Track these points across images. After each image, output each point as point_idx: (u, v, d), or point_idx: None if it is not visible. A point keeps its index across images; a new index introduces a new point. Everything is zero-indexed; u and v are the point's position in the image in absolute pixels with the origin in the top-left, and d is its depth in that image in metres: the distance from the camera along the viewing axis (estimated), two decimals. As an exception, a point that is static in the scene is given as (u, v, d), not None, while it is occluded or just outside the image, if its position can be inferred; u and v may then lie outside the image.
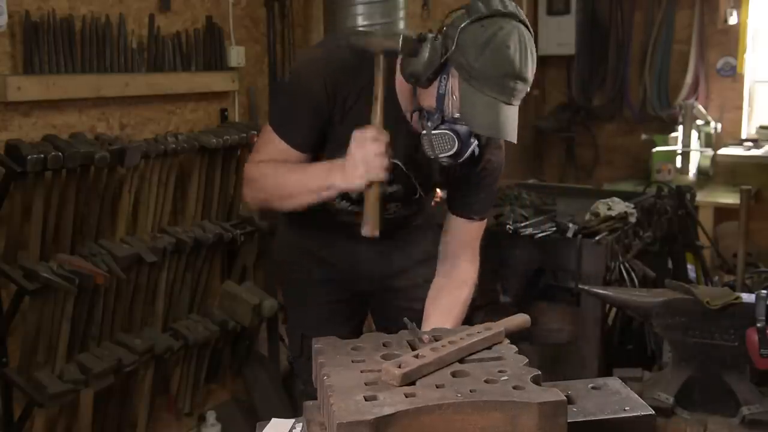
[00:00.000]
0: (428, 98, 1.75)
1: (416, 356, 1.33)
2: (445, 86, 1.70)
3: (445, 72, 1.69)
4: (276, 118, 1.93)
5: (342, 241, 2.10)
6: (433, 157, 1.76)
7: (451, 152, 1.73)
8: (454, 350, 1.36)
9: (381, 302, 2.26)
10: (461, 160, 1.77)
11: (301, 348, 2.18)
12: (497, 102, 1.63)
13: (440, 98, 1.71)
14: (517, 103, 1.67)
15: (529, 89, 1.69)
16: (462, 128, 1.72)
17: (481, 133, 1.71)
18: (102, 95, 2.76)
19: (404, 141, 1.83)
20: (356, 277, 2.17)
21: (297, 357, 2.25)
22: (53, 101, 2.61)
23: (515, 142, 1.70)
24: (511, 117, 1.67)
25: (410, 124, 1.84)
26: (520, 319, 1.74)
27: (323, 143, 1.90)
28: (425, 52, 1.69)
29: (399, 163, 1.90)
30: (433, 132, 1.73)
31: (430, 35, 1.71)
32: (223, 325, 3.15)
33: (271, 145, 1.90)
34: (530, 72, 1.66)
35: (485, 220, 2.06)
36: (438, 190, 2.40)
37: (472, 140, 1.75)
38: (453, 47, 1.65)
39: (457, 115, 1.70)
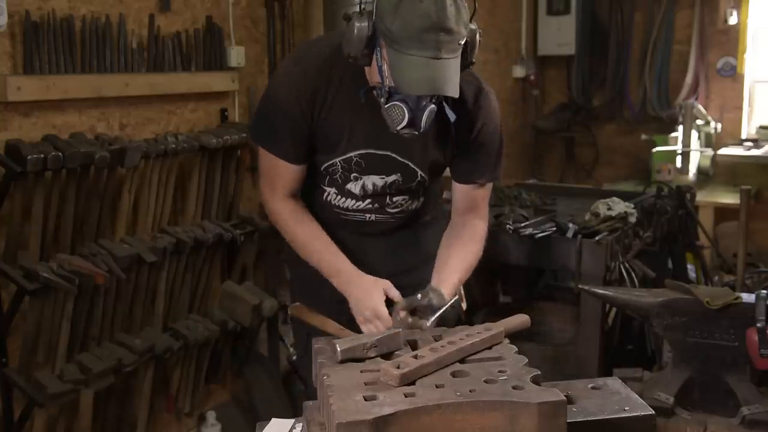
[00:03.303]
0: (374, 75, 1.75)
1: (415, 357, 1.33)
2: (380, 58, 1.70)
3: (378, 44, 1.69)
4: (261, 136, 1.98)
5: (350, 239, 2.09)
6: (394, 132, 1.75)
7: (404, 122, 1.72)
8: (453, 351, 1.37)
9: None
10: (422, 131, 1.75)
11: (307, 347, 2.18)
12: (423, 59, 1.61)
13: (380, 71, 1.71)
14: (447, 55, 1.63)
15: (461, 40, 1.65)
16: (411, 96, 1.71)
17: (413, 92, 1.68)
18: (102, 95, 2.76)
19: (387, 128, 1.80)
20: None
21: (302, 356, 2.24)
22: (53, 101, 2.61)
23: (456, 96, 1.68)
24: (444, 71, 1.63)
25: None
26: (520, 320, 1.73)
27: (313, 139, 1.93)
28: (354, 30, 1.69)
29: (391, 153, 1.90)
30: (386, 106, 1.73)
31: (355, 12, 1.71)
32: (223, 325, 3.15)
33: (269, 162, 1.96)
34: (453, 21, 1.61)
35: (491, 184, 2.07)
36: (443, 194, 2.39)
37: (423, 105, 1.72)
38: (374, 17, 1.66)
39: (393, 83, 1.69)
